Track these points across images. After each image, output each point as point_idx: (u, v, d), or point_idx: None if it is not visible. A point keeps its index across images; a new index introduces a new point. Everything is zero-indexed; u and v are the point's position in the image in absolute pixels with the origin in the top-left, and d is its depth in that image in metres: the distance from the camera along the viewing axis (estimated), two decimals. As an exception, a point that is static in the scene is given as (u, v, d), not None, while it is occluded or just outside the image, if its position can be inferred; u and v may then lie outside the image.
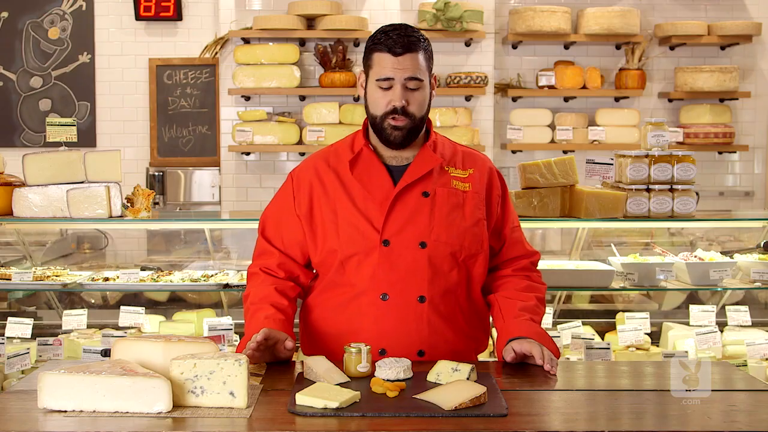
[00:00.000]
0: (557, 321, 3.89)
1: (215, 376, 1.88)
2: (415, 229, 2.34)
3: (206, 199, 6.22)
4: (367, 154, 2.41)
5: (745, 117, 6.40)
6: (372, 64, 2.37)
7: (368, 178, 2.39)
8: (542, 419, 1.87)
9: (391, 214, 2.34)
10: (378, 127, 2.37)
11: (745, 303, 3.98)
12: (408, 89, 2.33)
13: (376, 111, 2.37)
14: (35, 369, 2.91)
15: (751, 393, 2.08)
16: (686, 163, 3.62)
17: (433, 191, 2.38)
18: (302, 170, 2.49)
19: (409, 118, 2.34)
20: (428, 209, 2.36)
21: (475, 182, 2.44)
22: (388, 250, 2.33)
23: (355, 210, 2.37)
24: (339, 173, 2.42)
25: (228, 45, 6.03)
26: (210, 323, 3.49)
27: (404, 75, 2.32)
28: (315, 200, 2.42)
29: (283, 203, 2.48)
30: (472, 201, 2.41)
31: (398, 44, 2.31)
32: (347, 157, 2.42)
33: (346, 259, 2.37)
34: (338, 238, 2.37)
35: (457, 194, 2.40)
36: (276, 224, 2.49)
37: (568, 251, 4.09)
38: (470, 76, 5.91)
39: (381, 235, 2.34)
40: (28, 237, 4.22)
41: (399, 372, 2.09)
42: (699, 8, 6.32)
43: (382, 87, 2.34)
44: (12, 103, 6.30)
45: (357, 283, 2.36)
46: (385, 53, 2.32)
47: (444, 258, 2.36)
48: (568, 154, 5.55)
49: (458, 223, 2.38)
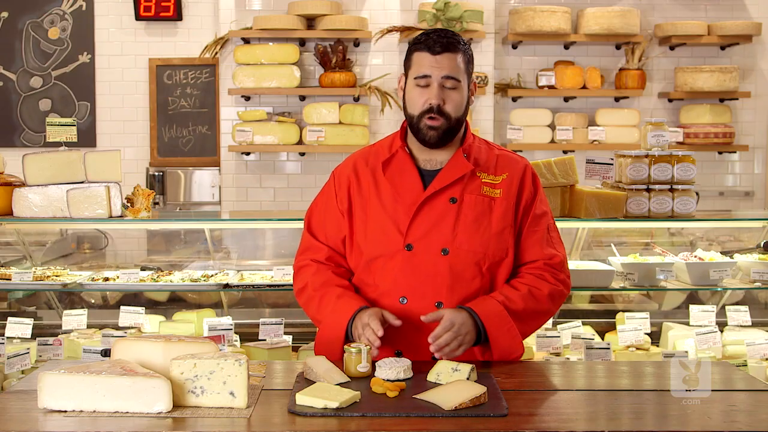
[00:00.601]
0: (557, 321, 3.88)
1: (215, 376, 1.89)
2: (439, 236, 2.35)
3: (206, 199, 6.22)
4: (401, 156, 2.44)
5: (745, 117, 6.40)
6: (411, 64, 2.41)
7: (400, 180, 2.41)
8: (542, 419, 1.88)
9: (417, 218, 2.36)
10: (415, 127, 2.39)
11: (745, 303, 3.97)
12: (445, 88, 2.35)
13: (413, 110, 2.39)
14: (35, 369, 2.91)
15: (751, 393, 2.08)
16: (686, 163, 3.62)
17: (461, 197, 2.38)
18: (343, 168, 2.53)
19: (445, 117, 2.35)
20: (454, 216, 2.36)
21: (506, 188, 2.42)
22: (410, 255, 2.35)
23: (383, 212, 2.40)
24: (375, 173, 2.45)
25: (228, 45, 6.03)
26: (210, 323, 3.49)
27: (441, 73, 2.34)
28: (353, 198, 2.46)
29: (327, 199, 2.52)
30: (500, 207, 2.40)
31: (438, 44, 2.35)
32: (383, 158, 2.45)
33: (371, 259, 2.40)
34: (366, 238, 2.41)
35: (485, 201, 2.39)
36: (321, 219, 2.52)
37: (568, 251, 4.08)
38: (470, 76, 5.90)
39: (405, 239, 2.35)
40: (28, 237, 4.22)
41: (399, 372, 2.09)
42: (699, 8, 6.32)
43: (419, 85, 2.37)
44: (12, 103, 6.30)
45: (379, 284, 2.39)
46: (424, 52, 2.36)
47: (466, 266, 2.35)
48: (568, 154, 5.55)
49: (483, 230, 2.37)
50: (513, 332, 2.33)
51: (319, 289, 2.43)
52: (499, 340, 2.31)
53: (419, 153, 2.45)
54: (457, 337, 2.23)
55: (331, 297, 2.39)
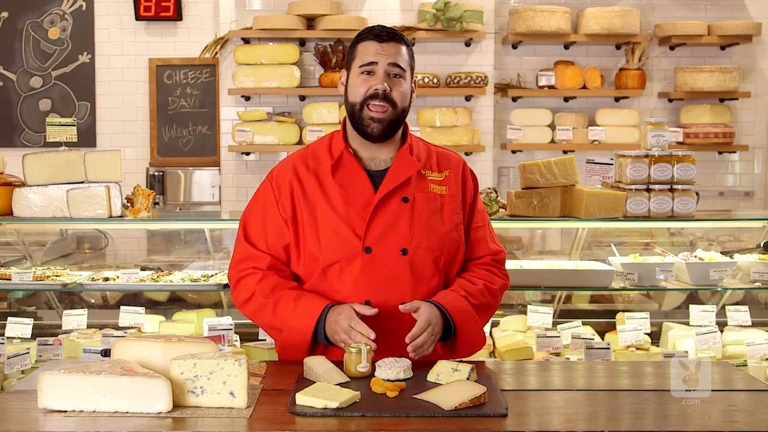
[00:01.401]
0: (557, 321, 3.88)
1: (215, 376, 1.88)
2: (397, 236, 2.33)
3: (206, 199, 6.22)
4: (347, 159, 2.39)
5: (745, 117, 6.40)
6: (355, 56, 2.38)
7: (349, 183, 2.36)
8: (542, 419, 1.87)
9: (373, 220, 2.32)
10: (356, 117, 2.35)
11: (745, 303, 3.97)
12: (390, 77, 2.34)
13: (355, 98, 2.36)
14: (35, 369, 2.91)
15: (751, 393, 2.08)
16: (686, 163, 3.62)
17: (413, 196, 2.37)
18: (281, 172, 2.44)
19: (391, 105, 2.33)
20: (408, 215, 2.35)
21: (450, 185, 2.43)
22: (370, 257, 2.32)
23: (335, 216, 2.34)
24: (319, 177, 2.39)
25: (228, 45, 6.03)
26: (210, 323, 3.49)
27: (388, 60, 2.33)
28: (296, 204, 2.39)
29: (266, 206, 2.42)
30: (449, 205, 2.41)
31: (384, 32, 2.35)
32: (327, 161, 2.39)
33: (328, 266, 2.34)
34: (319, 244, 2.34)
35: (435, 198, 2.39)
36: (259, 227, 2.42)
37: (568, 251, 4.09)
38: (470, 76, 5.91)
39: (363, 242, 2.32)
40: (28, 237, 4.22)
41: (399, 372, 2.09)
42: (699, 8, 6.32)
43: (365, 72, 2.34)
44: (12, 103, 6.30)
45: (339, 290, 2.34)
46: (370, 41, 2.35)
47: (426, 264, 2.35)
48: (568, 154, 5.56)
49: (437, 228, 2.37)
50: (478, 326, 2.35)
51: (271, 295, 2.34)
52: (466, 335, 2.31)
53: (363, 152, 2.41)
54: (431, 336, 2.23)
55: (287, 301, 2.32)
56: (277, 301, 2.33)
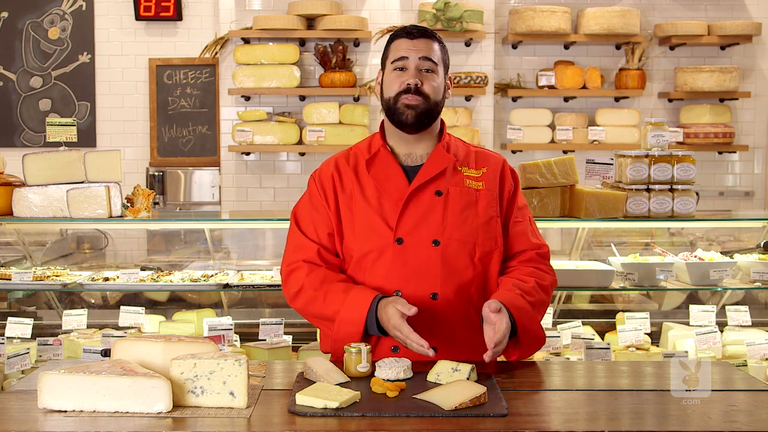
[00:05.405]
0: (557, 321, 3.89)
1: (215, 376, 1.88)
2: (429, 228, 2.37)
3: (206, 199, 6.22)
4: (383, 154, 2.46)
5: (745, 117, 6.40)
6: (389, 54, 2.45)
7: (384, 176, 2.43)
8: (542, 419, 1.87)
9: (405, 212, 2.37)
10: (392, 109, 2.41)
11: (745, 303, 3.98)
12: (422, 71, 2.39)
13: (390, 93, 2.42)
14: (35, 369, 2.91)
15: (751, 393, 2.08)
16: (686, 163, 3.62)
17: (446, 190, 2.41)
18: (325, 169, 2.53)
19: (423, 97, 2.38)
20: (441, 208, 2.39)
21: (488, 181, 2.46)
22: (401, 248, 2.36)
23: (369, 208, 2.40)
24: (357, 172, 2.46)
25: (228, 45, 6.03)
26: (210, 323, 3.49)
27: (418, 54, 2.39)
28: (337, 196, 2.46)
29: (313, 198, 2.50)
30: (485, 199, 2.43)
31: (415, 29, 2.42)
32: (364, 156, 2.47)
33: (362, 256, 2.40)
34: (354, 235, 2.41)
35: (470, 193, 2.42)
36: (309, 217, 2.50)
37: (568, 251, 4.09)
38: (470, 76, 5.91)
39: (395, 233, 2.36)
40: (28, 237, 4.22)
41: (399, 372, 2.09)
42: (699, 8, 6.32)
43: (397, 68, 2.40)
44: (12, 103, 6.30)
45: (372, 280, 2.39)
46: (401, 38, 2.42)
47: (458, 256, 2.37)
48: (568, 154, 5.55)
49: (471, 220, 2.40)
50: (537, 324, 2.36)
51: (320, 288, 2.39)
52: (528, 334, 2.32)
53: (399, 148, 2.47)
54: (504, 338, 2.23)
55: (336, 293, 2.37)
56: (327, 293, 2.38)
